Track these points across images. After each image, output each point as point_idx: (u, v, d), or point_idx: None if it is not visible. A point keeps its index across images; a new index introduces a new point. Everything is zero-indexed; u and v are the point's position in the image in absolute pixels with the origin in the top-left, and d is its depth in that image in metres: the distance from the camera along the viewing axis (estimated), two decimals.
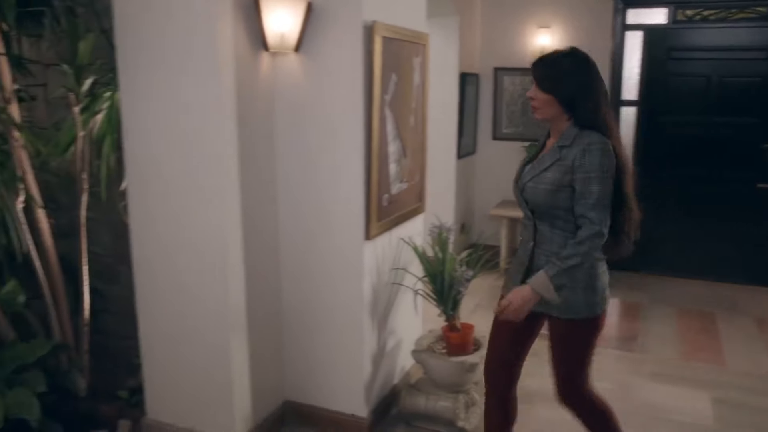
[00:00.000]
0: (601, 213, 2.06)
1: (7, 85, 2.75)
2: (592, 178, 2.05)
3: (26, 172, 2.88)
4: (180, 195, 2.57)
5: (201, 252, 2.58)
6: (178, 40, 2.44)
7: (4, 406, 2.35)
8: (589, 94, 2.11)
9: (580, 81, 2.12)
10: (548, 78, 2.14)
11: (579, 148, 2.08)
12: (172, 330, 2.76)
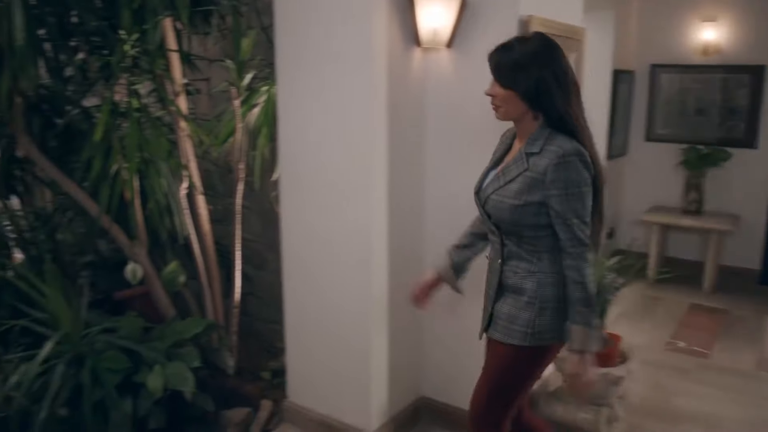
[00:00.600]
0: (583, 231, 1.81)
1: (177, 80, 2.95)
2: (573, 195, 1.78)
3: (190, 160, 3.07)
4: (329, 187, 2.63)
5: (347, 244, 2.63)
6: (335, 36, 2.50)
7: (164, 376, 2.52)
8: (556, 88, 1.79)
9: (544, 72, 1.78)
10: (506, 69, 1.82)
11: (551, 159, 1.77)
12: (316, 318, 2.84)
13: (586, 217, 1.81)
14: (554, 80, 1.79)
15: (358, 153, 2.53)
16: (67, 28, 2.73)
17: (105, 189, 2.82)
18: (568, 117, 1.80)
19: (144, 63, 2.83)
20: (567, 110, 1.80)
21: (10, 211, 3.55)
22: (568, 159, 1.76)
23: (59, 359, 2.49)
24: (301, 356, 2.97)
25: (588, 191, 1.80)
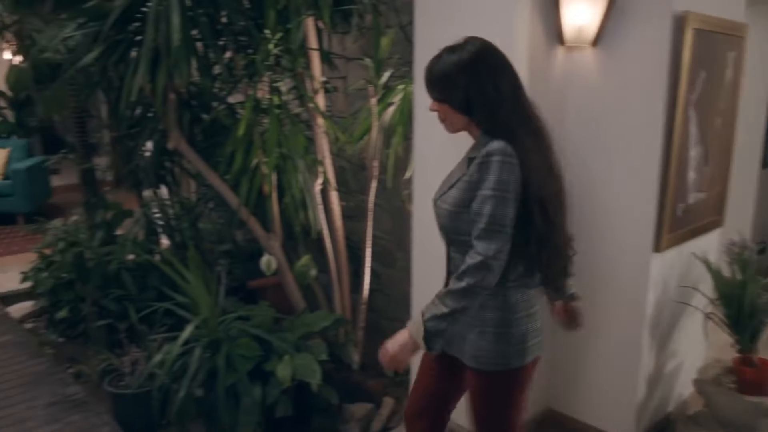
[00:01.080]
0: (490, 241, 1.60)
1: (316, 77, 3.02)
2: (486, 198, 1.61)
3: (325, 157, 3.14)
4: None
5: None
6: (474, 34, 2.44)
7: (293, 367, 2.59)
8: (481, 95, 1.66)
9: (472, 82, 1.66)
10: (435, 83, 1.73)
11: (478, 159, 1.65)
12: None
13: (495, 224, 1.61)
14: (484, 89, 1.68)
15: None
16: (217, 28, 2.87)
17: (245, 182, 2.94)
18: (504, 125, 1.67)
19: (286, 61, 2.92)
20: (494, 114, 1.68)
21: (159, 200, 3.81)
22: (489, 158, 1.63)
23: (197, 343, 2.62)
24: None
25: (509, 198, 1.61)
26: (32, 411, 3.20)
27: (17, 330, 4.25)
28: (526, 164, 1.64)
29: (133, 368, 3.15)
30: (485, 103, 1.68)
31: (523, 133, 1.68)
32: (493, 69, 1.70)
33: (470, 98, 1.69)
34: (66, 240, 4.23)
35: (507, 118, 1.68)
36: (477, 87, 1.68)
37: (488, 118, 1.69)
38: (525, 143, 1.66)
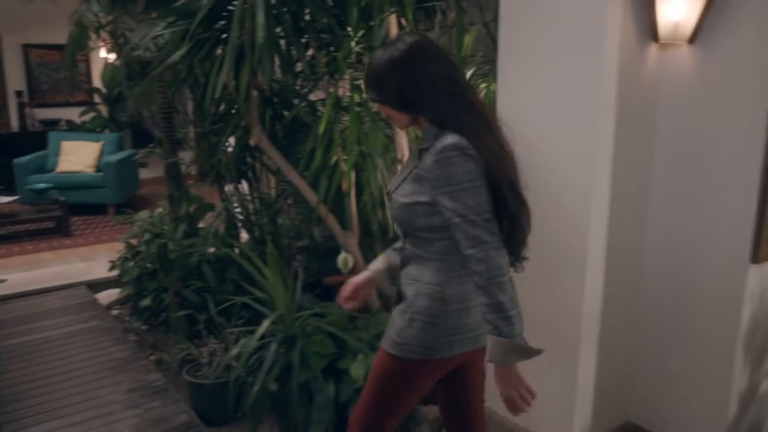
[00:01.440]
0: (486, 227, 1.61)
1: None
2: (461, 191, 1.60)
3: (404, 155, 3.11)
4: (546, 190, 2.50)
5: (561, 251, 2.48)
6: (563, 31, 2.36)
7: (366, 366, 2.58)
8: (417, 90, 1.65)
9: (404, 78, 1.65)
10: (370, 82, 1.73)
11: (433, 156, 1.63)
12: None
13: (483, 213, 1.62)
14: (419, 83, 1.67)
15: (579, 157, 2.37)
16: (300, 26, 2.88)
17: (324, 179, 2.95)
18: (450, 116, 1.66)
19: (368, 59, 2.91)
20: (436, 108, 1.67)
21: (240, 195, 3.88)
22: (447, 155, 1.62)
23: (273, 338, 2.65)
24: None
25: (480, 185, 1.62)
26: (115, 396, 3.33)
27: (104, 316, 4.44)
28: (483, 151, 1.64)
29: (211, 359, 3.22)
30: (424, 98, 1.68)
31: (471, 120, 1.68)
32: (424, 62, 1.68)
33: (406, 95, 1.69)
34: (151, 231, 4.39)
35: (451, 109, 1.67)
36: (411, 83, 1.68)
37: (432, 112, 1.69)
38: (476, 131, 1.66)
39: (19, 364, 3.70)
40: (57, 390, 3.39)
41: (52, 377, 3.54)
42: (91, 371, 3.61)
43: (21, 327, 4.22)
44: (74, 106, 8.96)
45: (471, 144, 1.63)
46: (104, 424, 3.05)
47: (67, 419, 3.11)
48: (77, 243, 6.25)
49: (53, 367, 3.64)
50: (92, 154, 7.64)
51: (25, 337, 4.07)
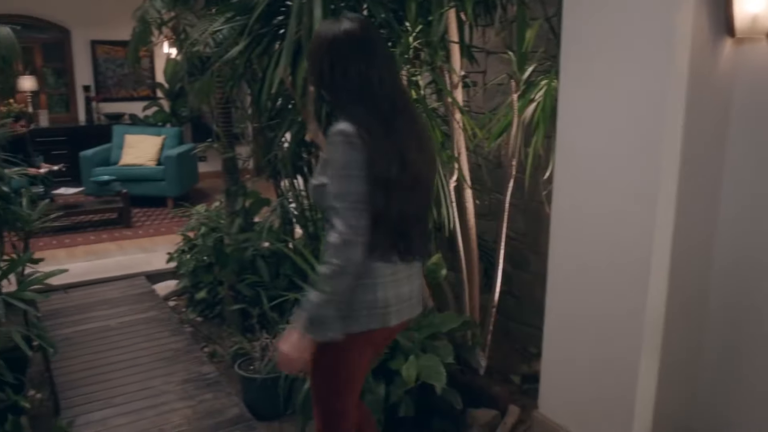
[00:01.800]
0: (345, 219, 1.65)
1: (456, 71, 2.93)
2: (335, 177, 1.68)
3: (461, 153, 3.05)
4: (609, 190, 2.40)
5: (623, 255, 2.38)
6: (631, 26, 2.25)
7: (418, 368, 2.53)
8: (329, 76, 1.76)
9: (322, 62, 1.76)
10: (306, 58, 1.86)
11: (327, 139, 1.73)
12: (580, 329, 2.63)
13: (354, 203, 1.67)
14: (332, 72, 1.75)
15: (645, 158, 2.26)
16: None
17: None
18: (348, 107, 1.74)
19: (425, 54, 2.86)
20: (347, 101, 1.75)
21: (295, 190, 3.88)
22: (333, 139, 1.70)
23: None
24: (558, 367, 2.79)
25: (356, 175, 1.67)
26: (169, 386, 3.38)
27: (161, 307, 4.52)
28: (369, 145, 1.68)
29: (263, 354, 3.24)
30: (331, 85, 1.78)
31: (370, 117, 1.72)
32: (347, 53, 1.75)
33: (323, 77, 1.78)
34: (207, 225, 4.44)
35: (351, 102, 1.75)
36: (329, 67, 1.76)
37: (334, 100, 1.81)
38: (371, 126, 1.71)
39: (78, 351, 3.81)
40: (113, 378, 3.46)
41: (110, 365, 3.62)
42: (147, 361, 3.68)
43: (81, 315, 4.34)
44: (138, 100, 9.19)
45: (359, 134, 1.67)
46: (158, 414, 3.10)
47: (123, 407, 3.18)
48: (137, 234, 6.40)
49: (111, 356, 3.73)
50: (154, 147, 7.82)
51: (84, 325, 4.18)
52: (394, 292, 1.84)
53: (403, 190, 1.77)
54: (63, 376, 3.51)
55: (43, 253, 5.62)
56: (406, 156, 1.77)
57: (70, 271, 4.78)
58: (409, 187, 1.79)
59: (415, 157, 1.80)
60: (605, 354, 2.52)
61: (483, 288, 3.39)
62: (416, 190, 1.83)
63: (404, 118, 1.81)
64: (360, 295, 1.79)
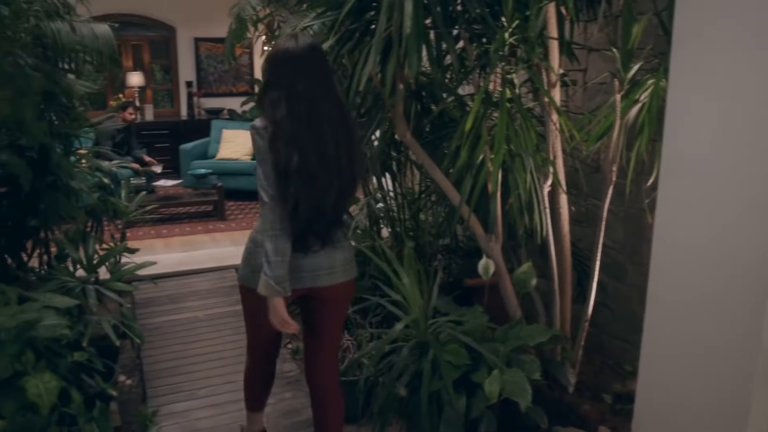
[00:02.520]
0: (264, 192, 2.14)
1: (554, 69, 2.76)
2: (258, 161, 2.15)
3: (557, 156, 2.88)
4: (722, 201, 2.18)
5: (736, 273, 2.15)
6: (752, 22, 2.03)
7: (501, 382, 2.40)
8: (263, 81, 2.24)
9: (267, 70, 2.23)
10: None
11: None
12: (682, 350, 2.41)
13: (263, 181, 2.14)
14: (265, 77, 2.22)
15: (763, 168, 2.03)
16: (451, 16, 2.74)
17: (468, 179, 2.79)
18: (265, 106, 2.18)
19: (522, 51, 2.71)
20: (265, 101, 2.19)
21: (383, 190, 3.82)
22: (250, 132, 2.18)
23: (405, 343, 2.54)
24: (656, 389, 2.57)
25: (262, 159, 2.13)
26: None
27: None
28: (272, 137, 2.11)
29: (344, 355, 3.19)
30: (266, 89, 2.20)
31: (281, 116, 2.12)
32: (278, 62, 2.18)
33: (263, 82, 2.24)
34: None
35: (268, 102, 2.16)
36: (266, 75, 2.22)
37: (261, 99, 2.23)
38: (280, 123, 2.11)
39: (167, 341, 3.90)
40: (199, 370, 3.52)
41: (196, 357, 3.69)
42: (232, 354, 3.72)
43: (172, 305, 4.46)
44: (237, 96, 9.44)
45: (265, 127, 2.13)
46: (239, 409, 3.11)
47: (206, 400, 3.22)
48: (230, 227, 6.55)
49: (198, 347, 3.80)
50: (249, 142, 7.98)
51: (175, 315, 4.29)
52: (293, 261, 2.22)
53: (302, 182, 2.12)
54: (151, 365, 3.60)
55: (141, 243, 5.87)
56: (310, 153, 2.13)
57: (164, 262, 4.96)
58: (306, 179, 2.13)
59: (326, 155, 2.17)
60: (711, 381, 2.30)
61: (575, 298, 3.21)
62: (317, 185, 2.16)
63: (327, 123, 2.19)
64: (259, 258, 2.19)
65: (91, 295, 2.80)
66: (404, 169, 3.79)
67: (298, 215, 2.15)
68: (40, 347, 2.51)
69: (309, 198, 2.14)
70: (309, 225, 2.20)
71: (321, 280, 2.31)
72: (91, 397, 2.82)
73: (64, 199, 3.17)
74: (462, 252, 4.08)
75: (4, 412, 2.34)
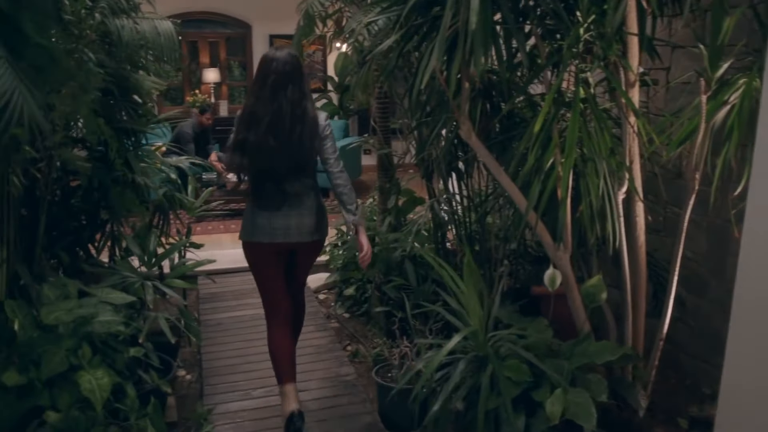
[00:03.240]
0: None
1: (633, 68, 2.57)
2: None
3: (634, 161, 2.68)
4: None
5: None
6: None
7: (564, 403, 2.24)
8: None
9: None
10: None
11: None
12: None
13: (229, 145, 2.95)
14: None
15: None
16: (522, 11, 2.59)
17: (536, 183, 2.63)
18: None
19: (598, 48, 2.52)
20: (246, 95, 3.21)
21: (449, 191, 3.69)
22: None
23: (463, 355, 2.41)
24: (739, 415, 2.34)
25: (234, 131, 2.88)
26: (308, 384, 3.34)
27: (310, 300, 4.54)
28: (240, 120, 2.85)
29: (401, 362, 3.09)
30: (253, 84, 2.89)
31: (252, 106, 2.81)
32: (261, 69, 2.82)
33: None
34: None
35: (251, 95, 2.86)
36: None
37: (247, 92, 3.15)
38: (252, 110, 2.80)
39: (228, 338, 3.91)
40: (256, 369, 3.50)
41: (254, 355, 3.67)
42: None
43: (236, 302, 4.47)
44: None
45: (242, 113, 2.86)
46: None
47: (261, 401, 3.19)
48: None
49: (256, 346, 3.78)
50: None
51: (237, 312, 4.30)
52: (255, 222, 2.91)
53: (253, 151, 2.79)
54: (211, 361, 3.60)
55: (210, 237, 5.95)
56: (262, 132, 2.76)
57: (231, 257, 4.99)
58: (254, 150, 2.78)
59: (276, 134, 2.77)
60: None
61: (650, 312, 2.99)
62: (262, 156, 2.78)
63: (282, 115, 2.77)
64: (251, 219, 2.93)
65: (149, 291, 2.81)
66: (471, 170, 3.64)
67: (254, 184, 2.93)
68: (96, 342, 2.53)
69: (259, 167, 2.85)
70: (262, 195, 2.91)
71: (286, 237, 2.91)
72: (146, 393, 2.83)
73: (130, 194, 3.20)
74: (531, 257, 3.91)
75: (60, 405, 2.36)
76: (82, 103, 2.18)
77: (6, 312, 2.39)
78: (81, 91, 2.13)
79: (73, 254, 3.15)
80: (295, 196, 2.87)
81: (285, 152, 2.78)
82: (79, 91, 2.13)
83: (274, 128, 2.75)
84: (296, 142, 2.78)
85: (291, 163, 2.81)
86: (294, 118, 2.77)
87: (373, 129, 4.24)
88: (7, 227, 2.54)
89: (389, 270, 3.79)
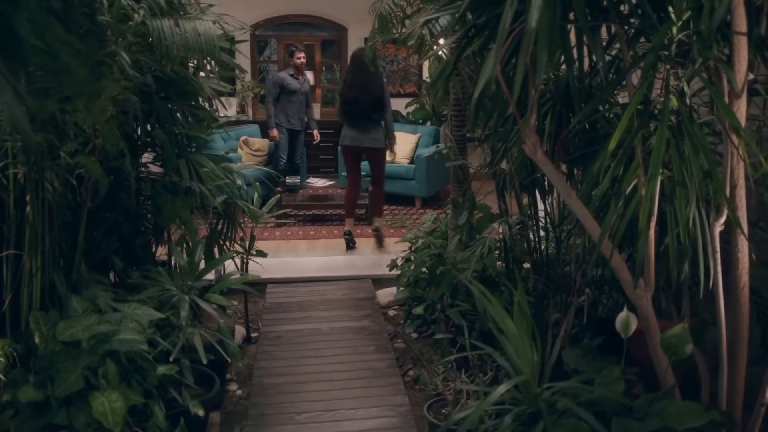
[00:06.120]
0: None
1: (740, 75, 2.13)
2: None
3: (738, 186, 2.23)
4: None
5: None
6: None
7: None
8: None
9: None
10: None
11: None
12: None
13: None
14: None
15: None
16: (601, 8, 2.22)
17: (613, 209, 2.25)
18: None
19: (695, 51, 2.11)
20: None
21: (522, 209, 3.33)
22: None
23: (511, 407, 2.07)
24: None
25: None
26: (355, 412, 3.11)
27: (376, 317, 4.30)
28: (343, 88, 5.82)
29: (456, 398, 2.78)
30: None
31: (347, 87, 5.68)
32: (349, 63, 6.04)
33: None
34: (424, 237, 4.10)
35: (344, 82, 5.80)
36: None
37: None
38: (347, 88, 5.67)
39: (283, 353, 3.74)
40: (305, 391, 3.30)
41: (306, 375, 3.48)
42: (343, 377, 3.46)
43: (300, 314, 4.30)
44: (404, 97, 9.25)
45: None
46: None
47: (304, 427, 2.98)
48: None
49: (311, 364, 3.59)
50: (408, 145, 7.75)
51: (298, 325, 4.12)
52: (346, 134, 5.70)
53: (348, 101, 5.58)
54: (261, 378, 3.43)
55: (286, 243, 5.84)
56: (350, 94, 5.56)
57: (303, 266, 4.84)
58: (351, 101, 5.55)
59: (357, 95, 5.53)
60: None
61: (757, 360, 2.51)
62: (356, 104, 5.53)
63: (360, 87, 5.52)
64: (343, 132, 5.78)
65: (184, 306, 2.65)
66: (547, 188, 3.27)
67: (349, 114, 5.67)
68: (123, 360, 2.39)
69: (352, 110, 5.60)
70: (353, 117, 5.65)
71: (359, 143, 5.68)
72: (181, 413, 2.68)
73: (180, 201, 3.08)
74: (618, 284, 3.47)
75: (77, 425, 2.23)
76: (96, 113, 2.03)
77: (30, 324, 2.30)
78: (94, 101, 1.99)
79: (128, 260, 3.07)
80: (371, 122, 5.57)
81: (368, 97, 5.51)
82: (91, 101, 1.98)
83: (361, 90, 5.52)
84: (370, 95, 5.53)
85: (370, 103, 5.52)
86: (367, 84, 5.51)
87: (450, 138, 3.95)
88: (42, 234, 2.46)
89: (455, 293, 3.48)
